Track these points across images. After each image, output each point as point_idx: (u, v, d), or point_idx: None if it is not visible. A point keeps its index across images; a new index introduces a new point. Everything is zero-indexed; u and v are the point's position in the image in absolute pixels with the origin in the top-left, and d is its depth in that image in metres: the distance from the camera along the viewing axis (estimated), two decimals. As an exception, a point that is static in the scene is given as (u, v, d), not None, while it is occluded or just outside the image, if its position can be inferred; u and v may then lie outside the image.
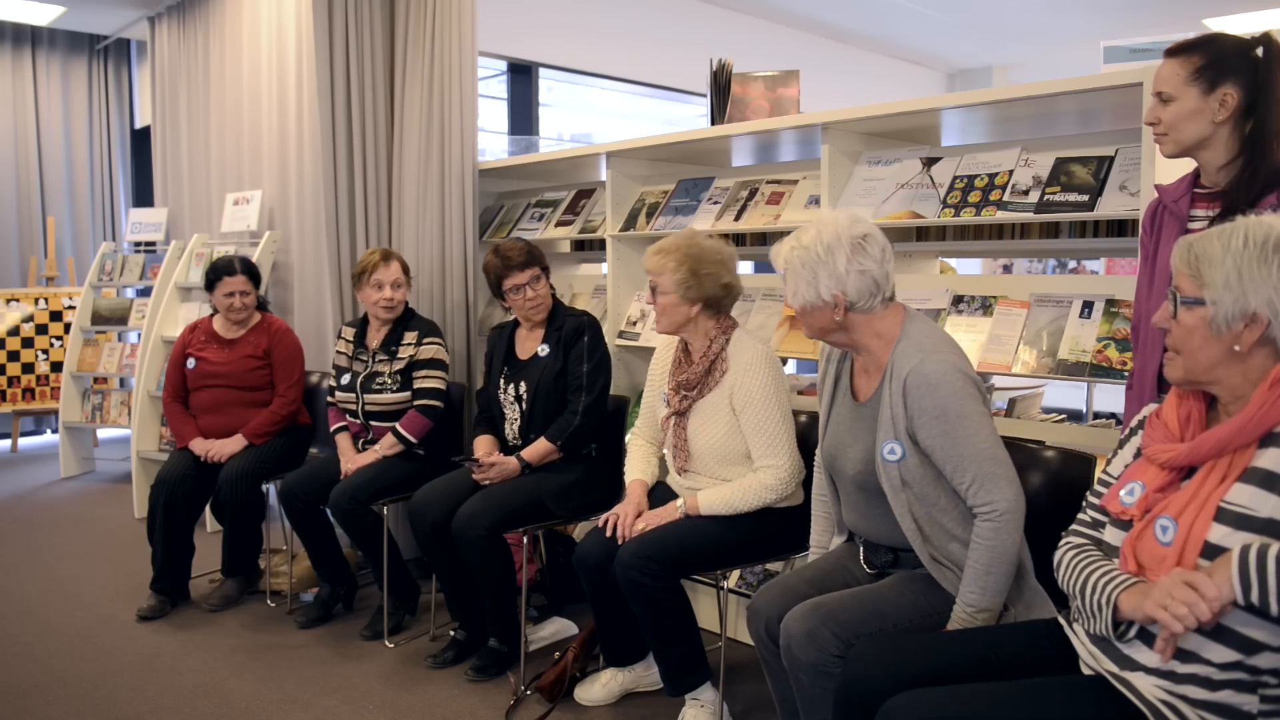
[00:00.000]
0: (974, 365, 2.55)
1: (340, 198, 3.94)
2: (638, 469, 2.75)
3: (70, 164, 7.29)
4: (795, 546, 2.54)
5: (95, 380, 5.71)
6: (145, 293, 5.49)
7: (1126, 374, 2.28)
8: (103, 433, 6.29)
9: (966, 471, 1.86)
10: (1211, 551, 1.35)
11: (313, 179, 4.17)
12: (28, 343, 6.25)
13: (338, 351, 3.47)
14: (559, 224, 3.81)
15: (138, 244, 5.72)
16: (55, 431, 6.62)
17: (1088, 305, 2.43)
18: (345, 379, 3.38)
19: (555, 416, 2.98)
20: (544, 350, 3.03)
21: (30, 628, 3.29)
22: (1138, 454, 1.57)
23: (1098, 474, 1.72)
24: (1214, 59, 1.81)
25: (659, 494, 2.69)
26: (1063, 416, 3.28)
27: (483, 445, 3.11)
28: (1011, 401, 3.57)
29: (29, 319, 6.25)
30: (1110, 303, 2.40)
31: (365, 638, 3.19)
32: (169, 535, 3.42)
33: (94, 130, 7.40)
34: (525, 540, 2.97)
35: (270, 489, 3.50)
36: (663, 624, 2.47)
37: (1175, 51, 1.86)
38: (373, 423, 3.33)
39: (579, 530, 3.47)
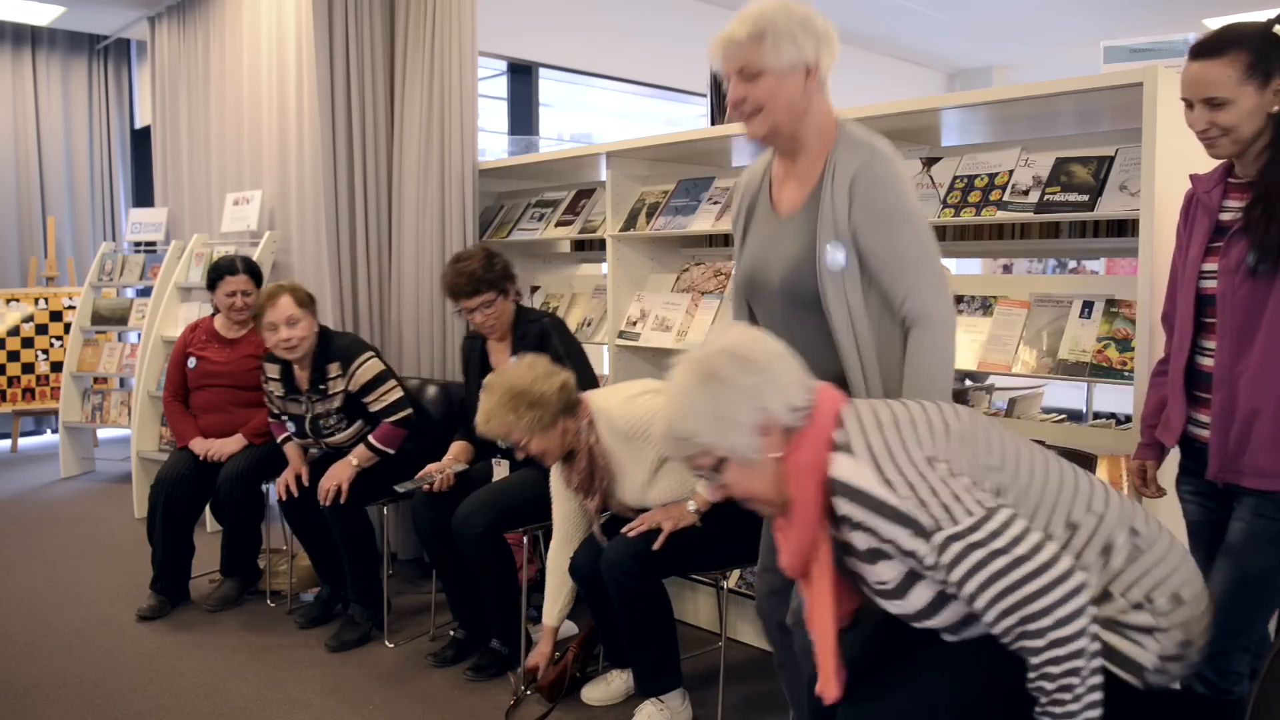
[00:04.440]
0: (974, 365, 2.56)
1: (340, 198, 3.94)
2: (554, 610, 2.73)
3: (70, 164, 7.29)
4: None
5: (95, 380, 5.71)
6: (145, 293, 5.49)
7: (1127, 373, 2.28)
8: (103, 433, 6.29)
9: (906, 275, 1.77)
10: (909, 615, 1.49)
11: (313, 179, 4.17)
12: (28, 343, 6.24)
13: (269, 392, 3.33)
14: (559, 224, 3.81)
15: (138, 244, 5.71)
16: (55, 431, 6.61)
17: (1088, 305, 2.43)
18: (292, 427, 3.31)
19: None
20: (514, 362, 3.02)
21: (30, 628, 3.29)
22: None
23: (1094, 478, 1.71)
24: (1259, 52, 1.75)
25: None
26: (1063, 416, 3.29)
27: (453, 450, 3.12)
28: (1011, 401, 3.57)
29: (29, 319, 6.25)
30: (1110, 303, 2.40)
31: (330, 649, 3.12)
32: (169, 535, 3.42)
33: (94, 130, 7.40)
34: (525, 540, 2.97)
35: (270, 489, 3.50)
36: (638, 623, 2.49)
37: (1212, 52, 1.77)
38: (344, 447, 3.27)
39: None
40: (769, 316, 1.93)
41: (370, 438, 3.17)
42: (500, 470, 3.08)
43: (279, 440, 3.37)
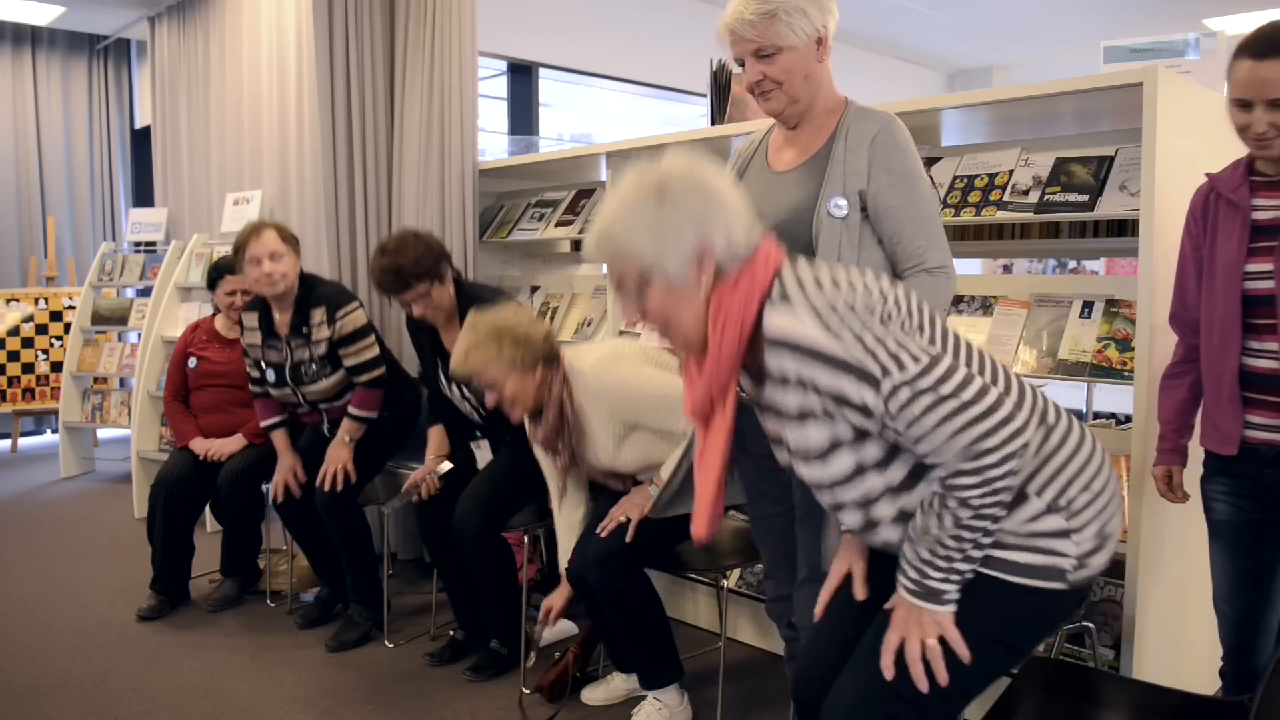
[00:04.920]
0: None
1: (340, 198, 3.94)
2: (569, 555, 2.69)
3: (70, 164, 7.29)
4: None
5: (95, 380, 5.71)
6: (145, 293, 5.49)
7: (1127, 373, 2.28)
8: (103, 433, 6.29)
9: (923, 233, 1.85)
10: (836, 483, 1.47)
11: (313, 179, 4.17)
12: (28, 343, 6.24)
13: (247, 344, 3.26)
14: (559, 224, 3.81)
15: (138, 244, 5.71)
16: (55, 431, 6.61)
17: (1088, 305, 2.43)
18: (271, 375, 3.21)
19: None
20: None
21: (30, 628, 3.29)
22: None
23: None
24: None
25: None
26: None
27: (432, 442, 3.10)
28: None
29: (29, 319, 6.25)
30: (1110, 303, 2.40)
31: (330, 649, 3.12)
32: (169, 535, 3.42)
33: (94, 130, 7.40)
34: (525, 540, 2.97)
35: (269, 489, 3.50)
36: (630, 621, 2.50)
37: (1275, 51, 1.74)
38: (323, 406, 3.24)
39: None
40: None
41: (350, 409, 3.16)
42: (481, 453, 3.04)
43: (264, 426, 3.32)
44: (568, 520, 2.69)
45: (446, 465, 3.07)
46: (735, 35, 1.86)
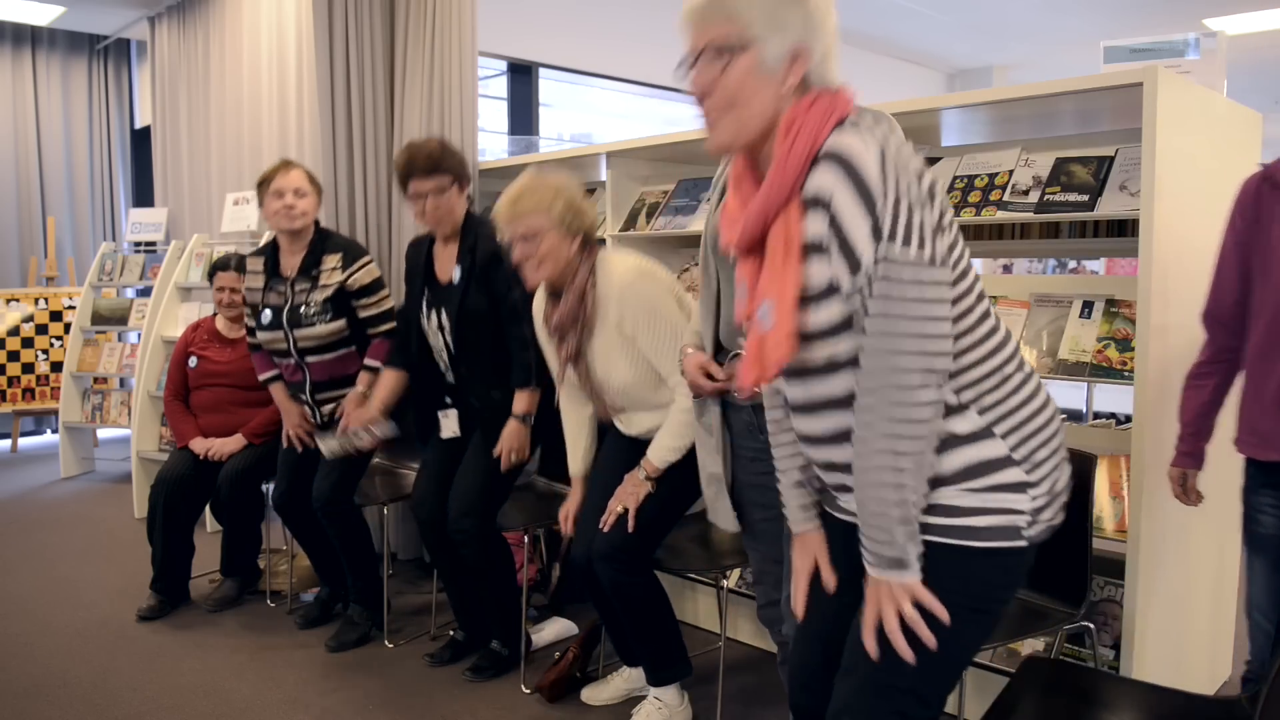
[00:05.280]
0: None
1: (340, 198, 3.94)
2: (576, 457, 2.68)
3: (70, 164, 7.29)
4: None
5: (95, 380, 5.72)
6: (145, 293, 5.49)
7: (1127, 373, 2.28)
8: (103, 433, 6.29)
9: None
10: (825, 332, 1.36)
11: (313, 179, 4.17)
12: (28, 343, 6.24)
13: (248, 288, 3.20)
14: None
15: (138, 244, 5.72)
16: (55, 431, 6.62)
17: (1088, 305, 2.43)
18: (267, 316, 3.11)
19: (485, 354, 2.82)
20: (456, 274, 2.81)
21: (30, 628, 3.29)
22: None
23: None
24: None
25: (610, 448, 2.64)
26: (1063, 416, 3.29)
27: (383, 385, 2.98)
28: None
29: (29, 319, 6.25)
30: (1110, 303, 2.40)
31: (330, 649, 3.12)
32: (169, 535, 3.42)
33: (94, 130, 7.40)
34: (525, 540, 2.97)
35: (269, 489, 3.50)
36: (638, 618, 2.50)
37: None
38: (309, 359, 3.13)
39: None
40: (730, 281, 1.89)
41: (367, 360, 3.14)
42: (448, 423, 2.97)
43: (262, 379, 3.28)
44: (576, 419, 2.65)
45: (390, 430, 2.98)
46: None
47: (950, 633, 1.38)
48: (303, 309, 3.06)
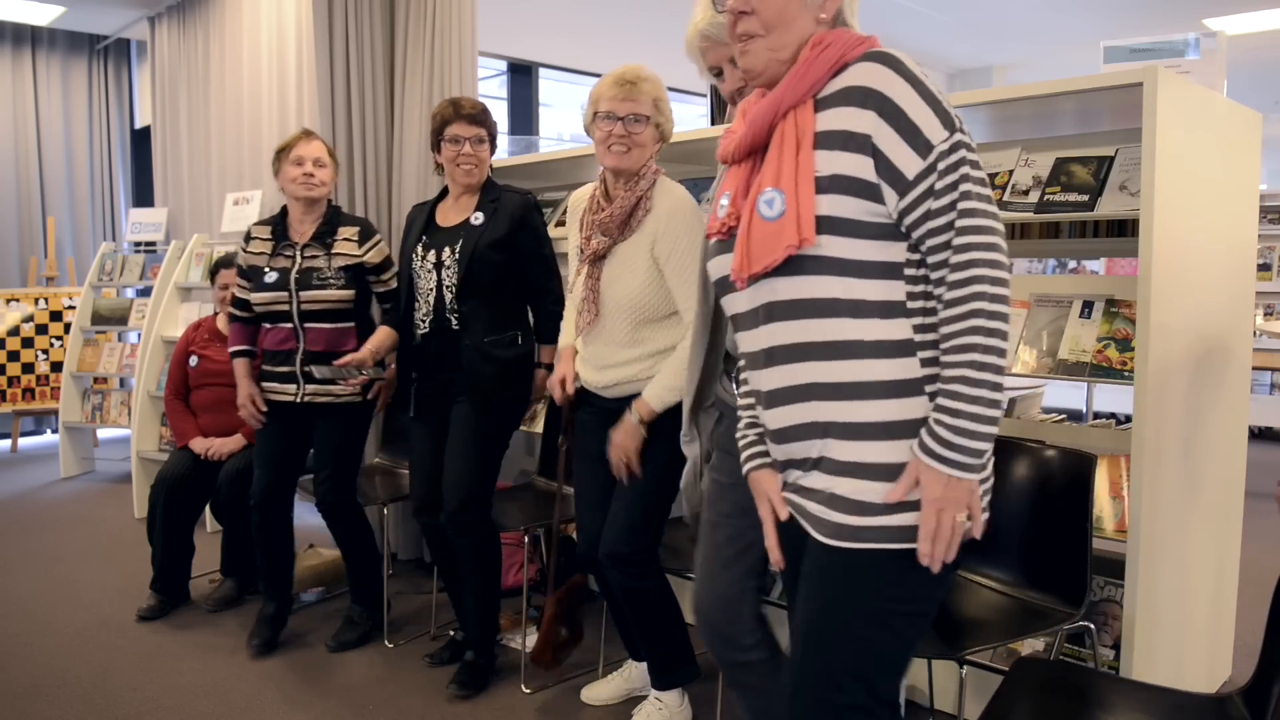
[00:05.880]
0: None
1: (340, 198, 3.94)
2: (569, 330, 2.62)
3: (70, 164, 7.29)
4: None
5: (95, 380, 5.72)
6: (145, 293, 5.49)
7: (1127, 373, 2.28)
8: (103, 433, 6.29)
9: None
10: (829, 225, 1.31)
11: (313, 179, 4.17)
12: (28, 343, 6.25)
13: (250, 253, 3.08)
14: (559, 224, 3.81)
15: (138, 244, 5.72)
16: (55, 431, 6.62)
17: (1088, 305, 2.43)
18: (272, 276, 3.00)
19: (489, 297, 2.77)
20: (478, 218, 2.77)
21: (30, 628, 3.29)
22: None
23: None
24: None
25: (586, 435, 2.57)
26: (1063, 416, 3.28)
27: (376, 338, 2.95)
28: (1011, 401, 3.57)
29: (29, 319, 6.25)
30: (1110, 303, 2.40)
31: (330, 649, 3.10)
32: (169, 535, 3.42)
33: (94, 130, 7.41)
34: (525, 540, 2.97)
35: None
36: (645, 620, 2.49)
37: None
38: (308, 324, 2.98)
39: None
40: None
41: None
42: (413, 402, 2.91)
43: (233, 351, 3.14)
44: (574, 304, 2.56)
45: (378, 372, 2.93)
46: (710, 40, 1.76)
47: (893, 635, 1.37)
48: (316, 273, 2.98)
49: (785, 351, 1.38)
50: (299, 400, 3.01)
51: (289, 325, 2.99)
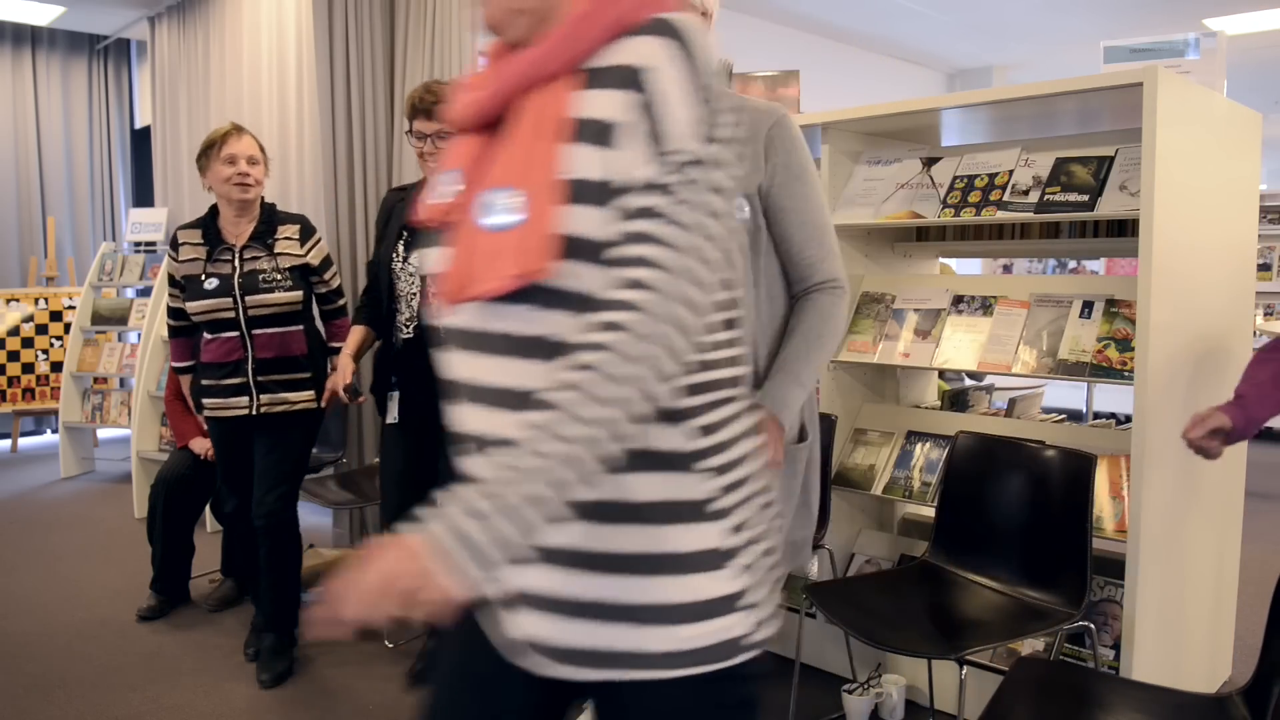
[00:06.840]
0: (974, 365, 2.56)
1: (340, 198, 3.94)
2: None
3: (70, 164, 7.29)
4: None
5: (95, 380, 5.72)
6: (145, 293, 5.49)
7: (1127, 373, 2.28)
8: (103, 433, 6.29)
9: (822, 240, 1.73)
10: (572, 248, 0.93)
11: (312, 179, 4.17)
12: (28, 343, 6.24)
13: (182, 260, 2.87)
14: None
15: (138, 244, 5.71)
16: (55, 431, 6.62)
17: (1088, 305, 2.43)
18: (212, 283, 2.79)
19: None
20: None
21: (30, 628, 3.29)
22: None
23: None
24: None
25: None
26: (1063, 416, 3.28)
27: (352, 340, 2.82)
28: (1011, 401, 3.57)
29: (29, 319, 6.25)
30: (1110, 303, 2.40)
31: (264, 685, 2.84)
32: (169, 535, 3.42)
33: (94, 130, 7.41)
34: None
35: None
36: None
37: None
38: (255, 331, 2.82)
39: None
40: None
41: (332, 344, 3.02)
42: (393, 406, 2.77)
43: (176, 368, 3.05)
44: None
45: (361, 388, 2.88)
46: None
47: None
48: (261, 276, 2.82)
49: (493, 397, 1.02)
50: (254, 413, 2.85)
51: (234, 334, 2.82)
